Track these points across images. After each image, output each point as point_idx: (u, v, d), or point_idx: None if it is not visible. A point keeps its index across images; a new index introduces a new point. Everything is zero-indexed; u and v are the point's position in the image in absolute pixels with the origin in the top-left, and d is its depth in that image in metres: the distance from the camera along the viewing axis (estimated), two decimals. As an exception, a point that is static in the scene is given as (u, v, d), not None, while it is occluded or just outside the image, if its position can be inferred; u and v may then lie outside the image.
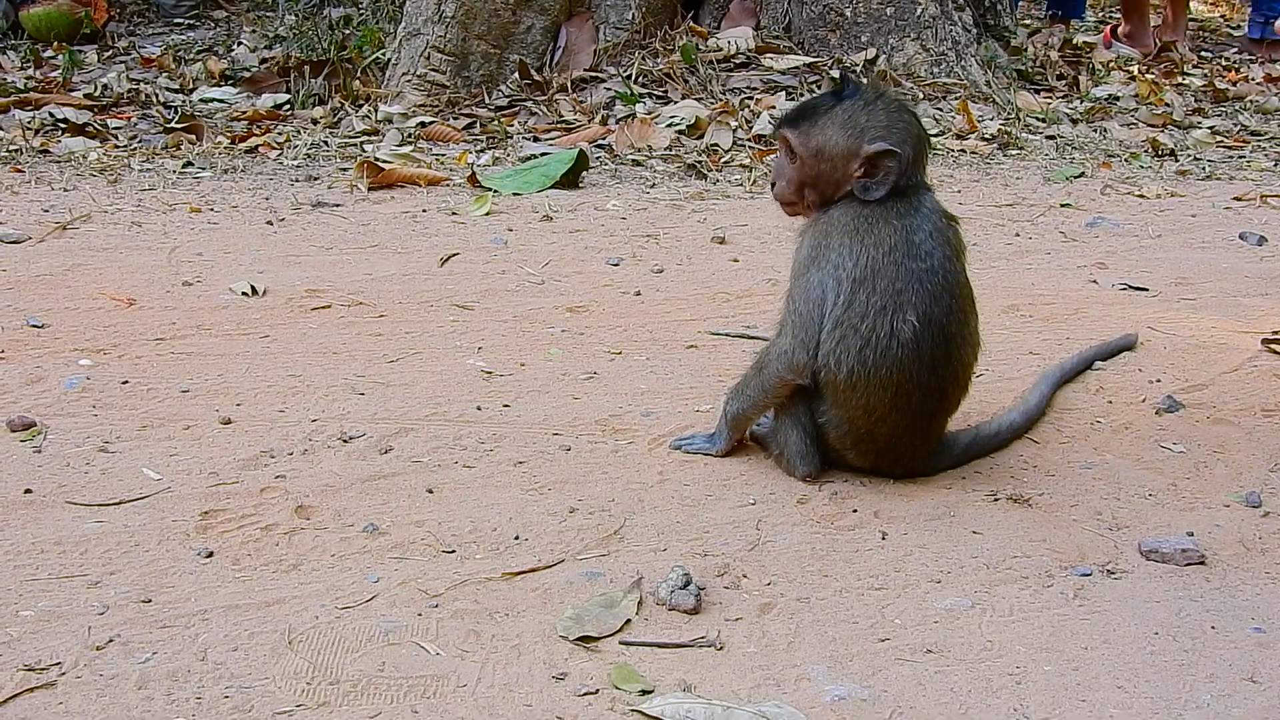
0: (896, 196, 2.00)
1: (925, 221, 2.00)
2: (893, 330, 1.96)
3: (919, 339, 1.96)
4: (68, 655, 1.58)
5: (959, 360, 2.03)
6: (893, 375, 1.98)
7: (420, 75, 5.06)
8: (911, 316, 1.96)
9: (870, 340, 1.97)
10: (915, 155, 2.01)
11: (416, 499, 2.02)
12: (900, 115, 2.03)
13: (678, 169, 4.36)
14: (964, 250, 2.05)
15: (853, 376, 1.99)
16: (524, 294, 3.02)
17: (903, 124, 2.01)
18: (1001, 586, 1.80)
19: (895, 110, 2.03)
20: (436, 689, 1.54)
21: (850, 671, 1.59)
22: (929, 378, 1.99)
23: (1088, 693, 1.56)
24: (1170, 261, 3.39)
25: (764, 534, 1.93)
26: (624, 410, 2.36)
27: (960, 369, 2.04)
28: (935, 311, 1.97)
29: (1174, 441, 2.26)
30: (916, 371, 1.98)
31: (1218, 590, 1.80)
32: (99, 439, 2.18)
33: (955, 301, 2.00)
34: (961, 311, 2.02)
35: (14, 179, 3.99)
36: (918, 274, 1.97)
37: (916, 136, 2.02)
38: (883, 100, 2.04)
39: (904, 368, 1.97)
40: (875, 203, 2.00)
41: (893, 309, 1.96)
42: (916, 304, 1.96)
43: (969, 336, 2.04)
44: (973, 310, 2.06)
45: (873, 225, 1.99)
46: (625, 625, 1.68)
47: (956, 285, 2.00)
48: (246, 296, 2.93)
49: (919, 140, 2.02)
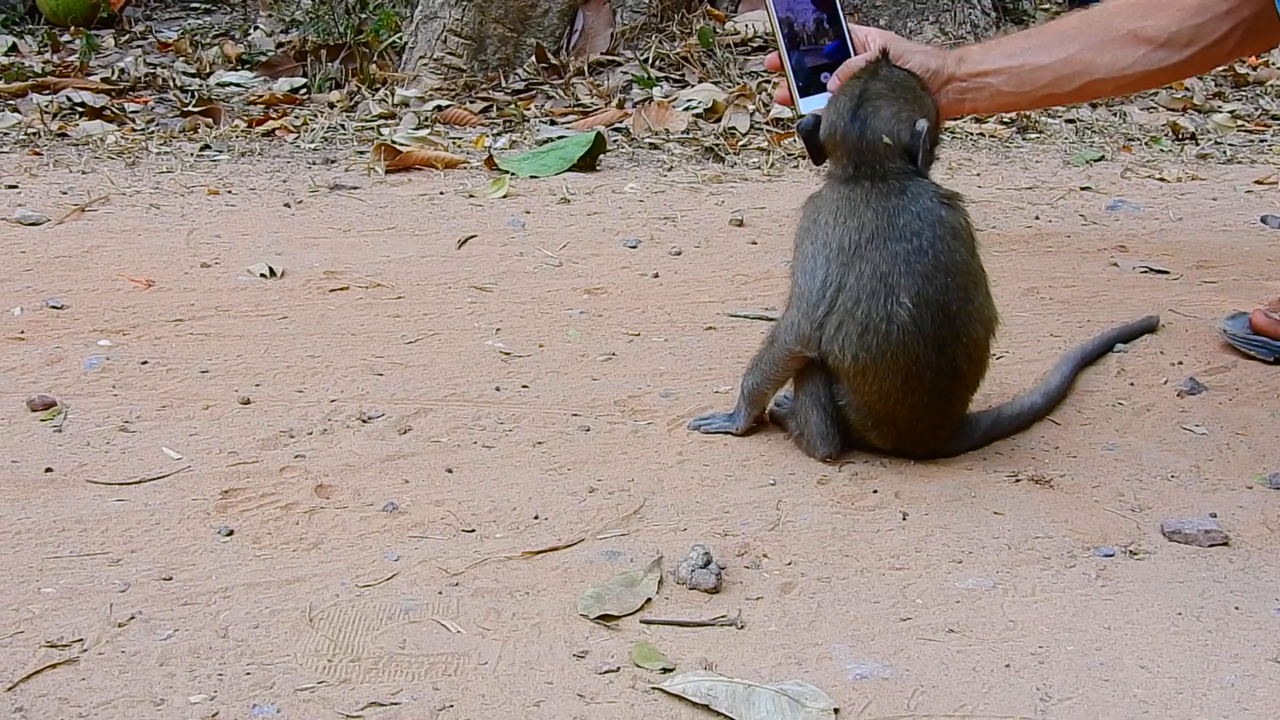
0: (879, 180, 2.00)
1: (911, 203, 1.98)
2: (889, 314, 1.95)
3: (917, 320, 1.95)
4: (90, 632, 1.58)
5: (969, 337, 2.01)
6: (899, 359, 1.97)
7: (437, 59, 5.05)
8: (905, 299, 1.95)
9: (868, 326, 1.96)
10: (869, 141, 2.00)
11: (436, 478, 2.02)
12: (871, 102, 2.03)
13: (695, 152, 4.35)
14: (965, 230, 2.02)
15: (859, 363, 1.98)
16: (542, 276, 3.02)
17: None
18: (1023, 567, 1.79)
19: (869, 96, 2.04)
20: (457, 666, 1.54)
21: (872, 650, 1.59)
22: (938, 357, 1.98)
23: (1111, 672, 1.55)
24: (1191, 245, 3.37)
25: (784, 514, 1.93)
26: (643, 391, 2.36)
27: (972, 346, 2.02)
28: (930, 291, 1.96)
29: (1196, 423, 2.25)
30: (923, 353, 1.97)
31: (1241, 571, 1.79)
32: (119, 418, 2.18)
33: (952, 280, 1.98)
34: (962, 289, 1.99)
35: (32, 162, 4.00)
36: (904, 256, 1.96)
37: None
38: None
39: (908, 350, 1.96)
40: (857, 185, 2.01)
41: (884, 292, 1.95)
42: (907, 286, 1.95)
43: (976, 313, 2.02)
44: (977, 287, 2.03)
45: (855, 208, 2.00)
46: (646, 604, 1.68)
47: (952, 264, 1.98)
48: (264, 278, 2.93)
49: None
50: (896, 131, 2.01)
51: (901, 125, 2.01)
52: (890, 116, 2.02)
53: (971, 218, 2.05)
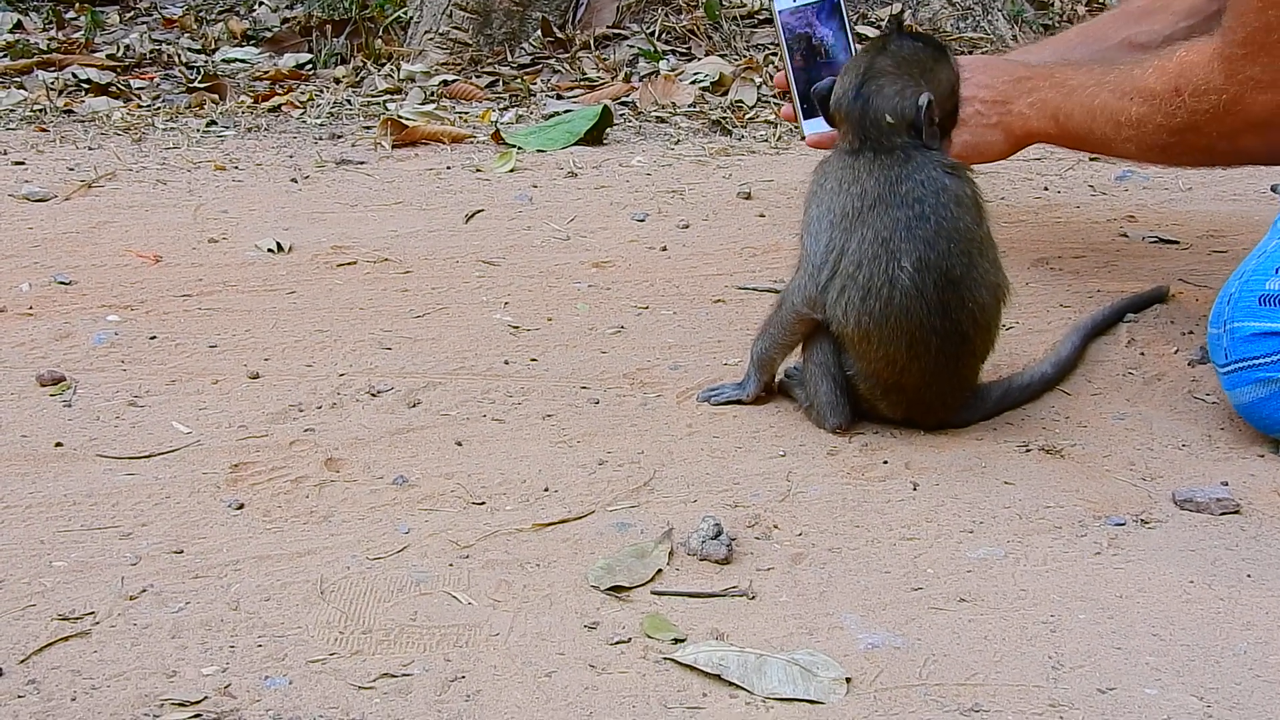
0: (883, 152, 2.01)
1: (915, 172, 1.99)
2: (891, 280, 1.96)
3: (919, 285, 1.95)
4: (101, 605, 1.59)
5: (974, 303, 2.01)
6: (902, 324, 1.97)
7: (442, 33, 5.03)
8: (906, 263, 1.95)
9: (870, 290, 1.97)
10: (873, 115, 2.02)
11: (446, 452, 2.02)
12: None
13: (702, 125, 4.33)
14: (971, 198, 2.02)
15: (862, 327, 1.99)
16: (550, 249, 3.01)
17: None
18: (1035, 536, 1.79)
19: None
20: (469, 638, 1.54)
21: (883, 620, 1.59)
22: (942, 323, 1.98)
23: (1123, 640, 1.55)
24: (1201, 214, 3.35)
25: (795, 485, 1.93)
26: (652, 364, 2.35)
27: (978, 311, 2.02)
28: (932, 257, 1.96)
29: (1207, 392, 2.24)
30: (926, 318, 1.97)
31: (1253, 539, 1.79)
32: (128, 393, 2.18)
33: (954, 245, 1.98)
34: (965, 255, 1.99)
35: (39, 138, 3.99)
36: (905, 221, 1.96)
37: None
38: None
39: (911, 315, 1.96)
40: (861, 156, 2.02)
41: (885, 257, 1.96)
42: (909, 251, 1.95)
43: (981, 278, 2.01)
44: (983, 253, 2.03)
45: (858, 176, 2.01)
46: (656, 575, 1.68)
47: (955, 230, 1.98)
48: (272, 253, 2.92)
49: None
50: (900, 108, 2.01)
51: (905, 102, 2.01)
52: (894, 94, 2.02)
53: (979, 186, 2.05)
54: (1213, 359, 2.12)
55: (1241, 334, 2.01)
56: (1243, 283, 2.05)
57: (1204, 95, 2.20)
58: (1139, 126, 2.26)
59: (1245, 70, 2.14)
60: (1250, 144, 2.25)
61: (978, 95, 2.47)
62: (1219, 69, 2.17)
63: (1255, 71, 2.13)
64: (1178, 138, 2.27)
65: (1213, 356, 2.11)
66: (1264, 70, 2.13)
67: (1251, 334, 1.99)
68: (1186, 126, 2.24)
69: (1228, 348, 2.03)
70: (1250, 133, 2.21)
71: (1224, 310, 2.07)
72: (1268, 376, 1.97)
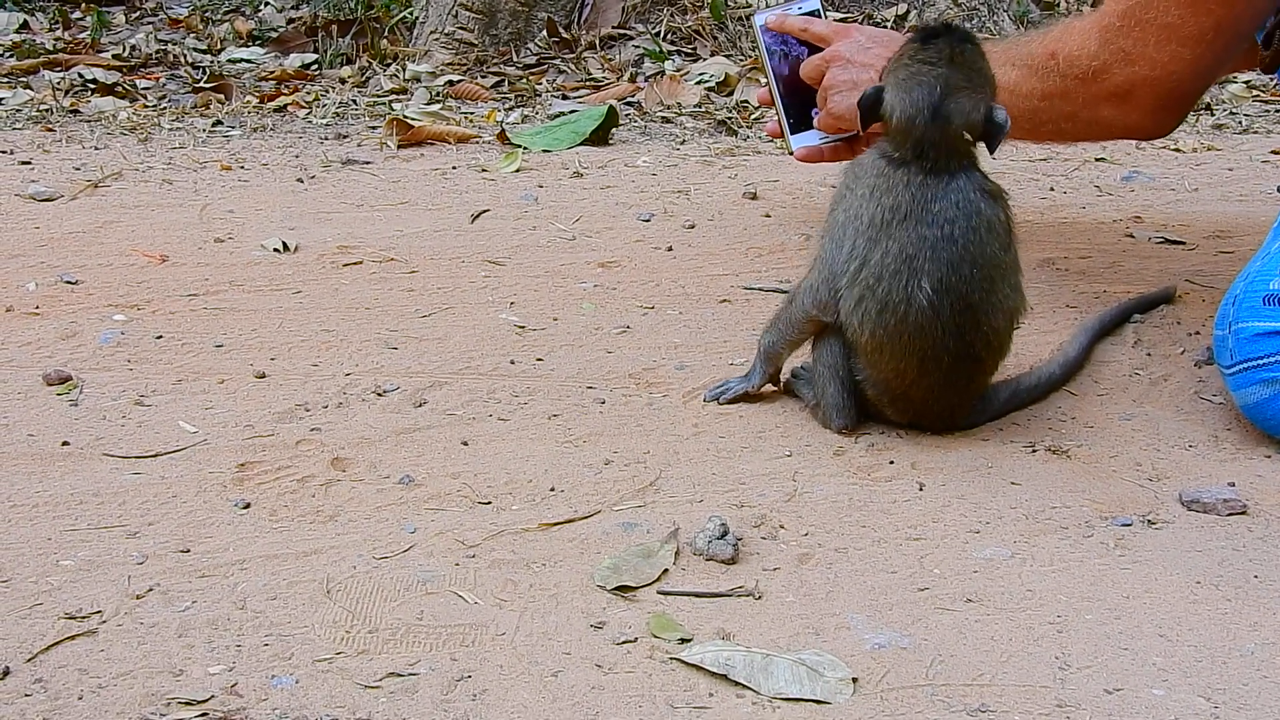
0: (929, 173, 1.96)
1: (953, 191, 1.95)
2: (909, 297, 1.94)
3: (936, 307, 1.94)
4: (108, 604, 1.59)
5: (989, 327, 2.00)
6: (915, 341, 1.96)
7: (448, 33, 5.04)
8: (926, 284, 1.93)
9: (887, 305, 1.95)
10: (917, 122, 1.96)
11: (451, 451, 2.02)
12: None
13: (708, 125, 4.33)
14: (1002, 224, 1.99)
15: (875, 339, 1.98)
16: (555, 250, 3.01)
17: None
18: (1041, 537, 1.79)
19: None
20: (475, 637, 1.54)
21: (890, 620, 1.59)
22: (956, 344, 1.97)
23: (1130, 641, 1.55)
24: (1207, 215, 3.35)
25: (801, 485, 1.93)
26: (658, 364, 2.35)
27: (992, 334, 2.01)
28: (953, 280, 1.94)
29: (1213, 393, 2.24)
30: (940, 338, 1.96)
31: (1260, 540, 1.78)
32: (135, 393, 2.19)
33: (977, 271, 1.96)
34: (987, 281, 1.97)
35: (45, 138, 4.00)
36: (931, 241, 1.94)
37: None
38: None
39: (925, 334, 1.95)
40: (904, 167, 1.97)
41: (906, 274, 1.94)
42: (931, 271, 1.93)
43: (999, 304, 2.00)
44: (1005, 280, 2.01)
45: (892, 187, 1.97)
46: (663, 575, 1.68)
47: (980, 256, 1.96)
48: (278, 253, 2.93)
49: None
50: (975, 122, 1.96)
51: (978, 114, 1.96)
52: (970, 109, 1.96)
53: (1012, 210, 2.03)
54: (1218, 360, 2.11)
55: (1246, 334, 2.01)
56: (1247, 284, 2.05)
57: (1076, 60, 2.33)
58: (1013, 92, 2.33)
59: (1118, 41, 2.27)
60: (1108, 114, 2.36)
61: (874, 64, 2.53)
62: (1095, 37, 2.30)
63: (1127, 44, 2.26)
64: (1046, 103, 2.39)
65: (1218, 357, 2.11)
66: (1134, 45, 2.25)
67: (1256, 334, 1.99)
68: (1055, 91, 2.37)
69: (1233, 348, 2.03)
70: (1110, 103, 2.33)
71: (1229, 311, 2.07)
72: (1273, 376, 1.97)
